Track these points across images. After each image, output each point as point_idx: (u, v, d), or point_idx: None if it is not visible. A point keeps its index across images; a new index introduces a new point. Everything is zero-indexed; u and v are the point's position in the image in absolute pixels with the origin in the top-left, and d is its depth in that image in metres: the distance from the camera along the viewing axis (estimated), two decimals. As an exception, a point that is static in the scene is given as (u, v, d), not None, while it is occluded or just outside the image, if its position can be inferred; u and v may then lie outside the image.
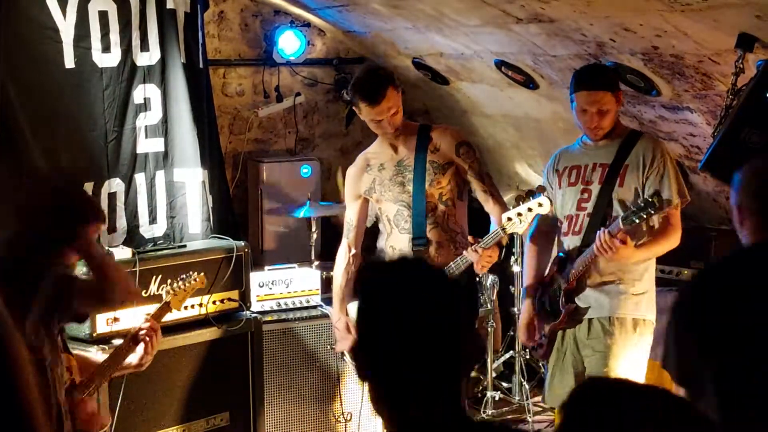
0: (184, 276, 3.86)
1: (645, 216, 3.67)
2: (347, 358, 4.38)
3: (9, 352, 1.41)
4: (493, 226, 4.10)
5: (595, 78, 3.90)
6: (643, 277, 3.92)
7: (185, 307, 4.55)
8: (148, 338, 3.54)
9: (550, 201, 3.94)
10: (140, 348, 3.55)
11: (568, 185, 3.99)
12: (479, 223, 4.49)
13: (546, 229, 4.14)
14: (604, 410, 1.56)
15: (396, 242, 4.16)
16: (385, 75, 4.11)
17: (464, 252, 3.96)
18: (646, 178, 3.82)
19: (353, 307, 4.35)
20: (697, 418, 1.58)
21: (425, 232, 4.07)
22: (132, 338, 3.55)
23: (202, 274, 3.97)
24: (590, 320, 3.92)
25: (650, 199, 3.65)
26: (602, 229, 3.76)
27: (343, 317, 4.32)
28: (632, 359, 3.89)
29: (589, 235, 3.87)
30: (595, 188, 3.91)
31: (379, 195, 4.17)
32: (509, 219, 3.86)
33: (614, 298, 3.89)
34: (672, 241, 3.89)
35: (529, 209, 3.85)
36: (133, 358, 3.56)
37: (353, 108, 4.18)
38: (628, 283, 3.89)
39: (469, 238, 4.07)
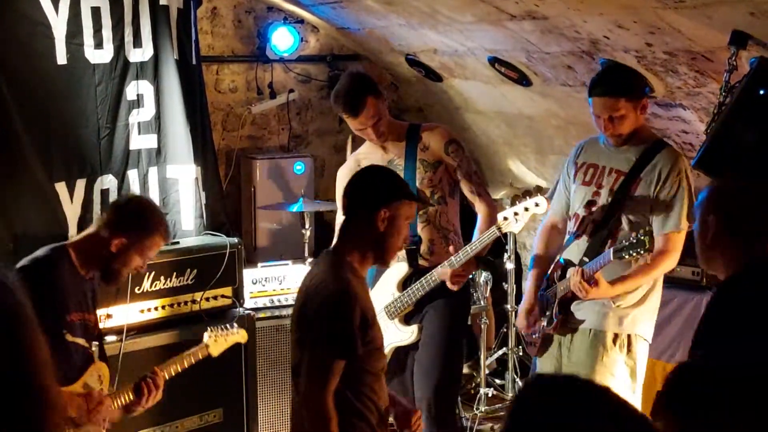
0: (227, 326, 3.91)
1: (634, 254, 3.59)
2: None
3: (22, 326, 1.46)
4: (478, 225, 4.09)
5: (605, 83, 3.78)
6: (633, 291, 3.83)
7: (178, 304, 4.56)
8: (146, 391, 3.54)
9: (547, 201, 3.91)
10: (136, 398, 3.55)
11: (581, 183, 3.93)
12: (473, 222, 4.48)
13: (558, 220, 4.10)
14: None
15: None
16: (364, 84, 4.11)
17: (434, 270, 3.95)
18: (657, 195, 3.72)
19: None
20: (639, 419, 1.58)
21: (417, 230, 4.07)
22: (135, 387, 3.55)
23: (244, 330, 4.01)
24: (575, 329, 3.89)
25: (642, 238, 3.56)
26: (576, 268, 3.72)
27: None
28: (609, 375, 3.81)
29: (592, 242, 3.81)
30: (605, 193, 3.83)
31: None
32: (505, 218, 3.84)
33: (599, 311, 3.83)
34: (662, 268, 3.79)
35: (526, 209, 3.83)
36: (127, 407, 3.56)
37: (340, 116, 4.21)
38: (615, 297, 3.81)
39: (450, 249, 4.02)
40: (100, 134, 4.82)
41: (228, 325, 3.94)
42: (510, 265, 5.62)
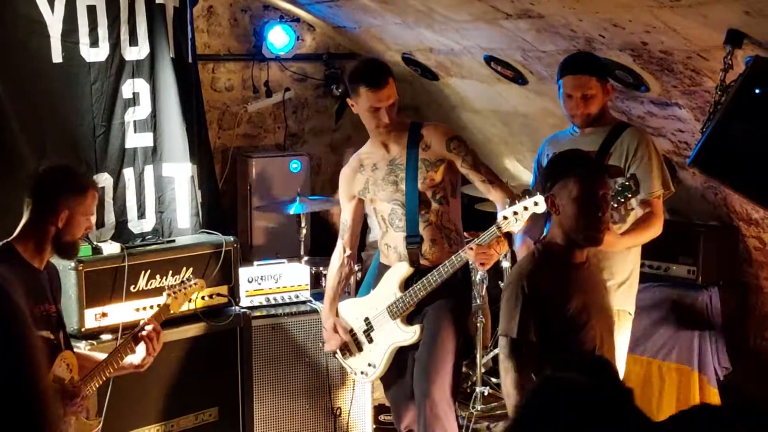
0: (184, 279, 3.87)
1: (622, 200, 3.68)
2: (339, 356, 4.36)
3: (16, 325, 1.47)
4: (500, 211, 4.05)
5: (580, 63, 3.94)
6: (617, 268, 3.92)
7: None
8: (149, 339, 3.57)
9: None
10: (141, 349, 3.58)
11: None
12: (474, 220, 4.47)
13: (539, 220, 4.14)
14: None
15: (391, 240, 4.14)
16: (385, 64, 4.17)
17: (460, 251, 3.93)
18: (629, 168, 3.84)
19: (344, 307, 4.33)
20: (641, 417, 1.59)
21: (419, 230, 4.06)
22: (133, 338, 3.58)
23: (201, 278, 4.01)
24: None
25: (626, 183, 3.65)
26: None
27: (332, 317, 4.30)
28: None
29: None
30: None
31: (372, 194, 4.15)
32: (505, 218, 3.81)
33: None
34: (654, 230, 3.89)
35: (525, 208, 3.80)
36: (133, 359, 3.60)
37: (347, 100, 4.15)
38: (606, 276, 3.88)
39: (466, 234, 4.04)
40: (95, 132, 4.82)
41: (185, 279, 3.91)
42: (506, 264, 5.62)
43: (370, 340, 4.20)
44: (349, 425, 4.92)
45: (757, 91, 3.39)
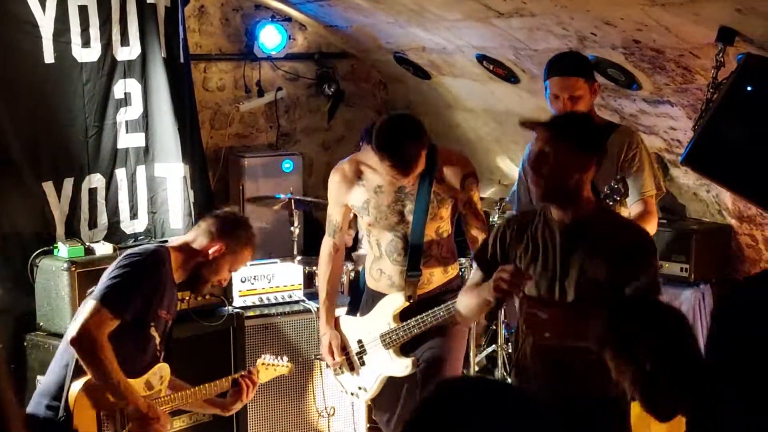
0: (278, 357, 4.04)
1: (611, 203, 3.65)
2: (332, 372, 4.29)
3: None
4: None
5: (567, 64, 3.88)
6: None
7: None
8: (246, 386, 3.76)
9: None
10: (233, 391, 3.77)
11: None
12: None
13: None
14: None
15: (386, 268, 3.98)
16: (417, 136, 3.70)
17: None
18: (621, 169, 3.80)
19: (346, 321, 4.20)
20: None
21: (420, 266, 3.91)
22: (233, 379, 3.78)
23: (292, 364, 4.11)
24: None
25: (615, 186, 3.61)
26: None
27: (329, 332, 4.12)
28: None
29: None
30: None
31: (372, 219, 3.92)
32: None
33: None
34: (651, 228, 3.85)
35: None
36: (223, 401, 3.81)
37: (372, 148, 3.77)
38: None
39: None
40: (87, 133, 4.81)
41: (279, 357, 4.05)
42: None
43: (363, 363, 4.10)
44: (343, 424, 4.91)
45: (748, 88, 3.40)
